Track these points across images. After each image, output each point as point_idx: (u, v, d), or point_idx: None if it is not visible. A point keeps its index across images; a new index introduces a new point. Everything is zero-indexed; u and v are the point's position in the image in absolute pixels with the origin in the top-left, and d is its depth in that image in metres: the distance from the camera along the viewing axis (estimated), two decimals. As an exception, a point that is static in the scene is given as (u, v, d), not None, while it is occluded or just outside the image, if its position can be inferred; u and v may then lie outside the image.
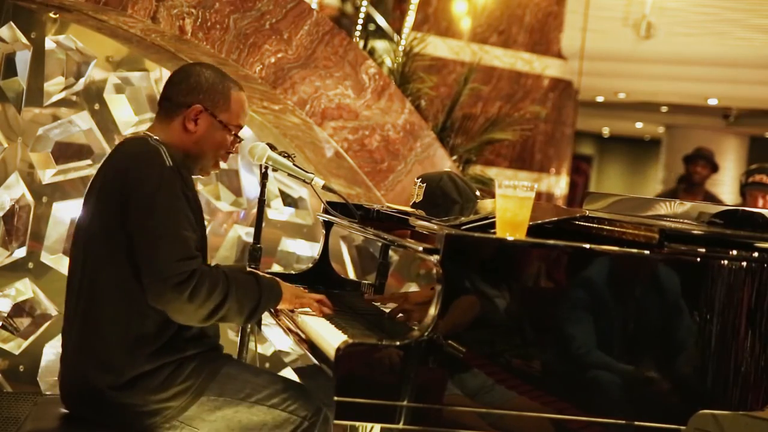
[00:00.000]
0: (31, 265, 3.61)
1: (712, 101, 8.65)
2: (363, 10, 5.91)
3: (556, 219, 2.34)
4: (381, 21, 6.72)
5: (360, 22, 5.89)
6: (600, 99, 9.44)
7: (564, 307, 2.17)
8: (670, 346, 2.20)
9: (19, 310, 3.59)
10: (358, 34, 5.74)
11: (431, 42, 5.93)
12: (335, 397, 2.03)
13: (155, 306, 2.27)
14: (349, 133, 4.00)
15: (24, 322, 3.60)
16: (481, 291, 2.12)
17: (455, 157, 4.70)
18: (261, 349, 4.09)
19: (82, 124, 3.70)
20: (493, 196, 2.37)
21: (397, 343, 2.05)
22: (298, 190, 4.30)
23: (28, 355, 3.60)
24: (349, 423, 2.43)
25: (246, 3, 3.63)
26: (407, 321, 2.50)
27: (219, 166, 2.59)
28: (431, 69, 5.86)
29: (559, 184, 7.63)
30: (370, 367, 2.04)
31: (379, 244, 2.91)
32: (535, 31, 7.35)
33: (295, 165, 2.87)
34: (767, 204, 4.97)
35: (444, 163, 4.32)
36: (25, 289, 3.60)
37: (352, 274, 4.27)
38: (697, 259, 2.20)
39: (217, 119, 2.49)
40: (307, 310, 2.59)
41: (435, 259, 2.10)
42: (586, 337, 2.15)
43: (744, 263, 2.22)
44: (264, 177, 2.93)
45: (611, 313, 2.17)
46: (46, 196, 3.64)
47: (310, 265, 3.18)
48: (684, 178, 6.58)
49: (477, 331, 2.11)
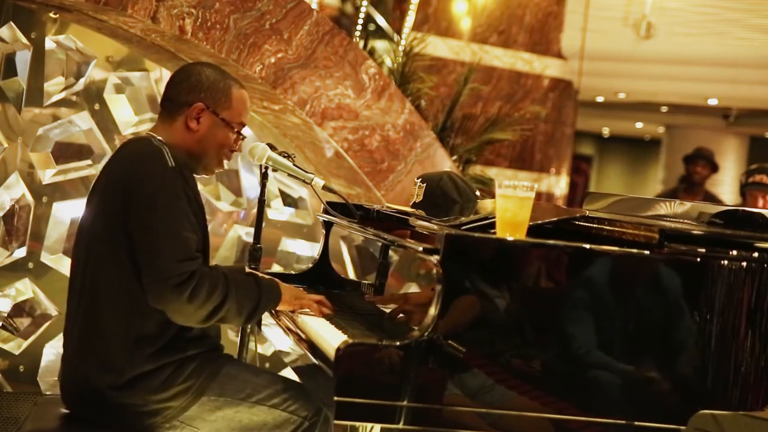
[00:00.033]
0: (31, 265, 3.61)
1: (712, 101, 8.65)
2: (363, 10, 5.91)
3: (556, 219, 2.34)
4: (381, 21, 6.72)
5: (360, 22, 5.88)
6: (600, 99, 9.43)
7: (564, 307, 2.17)
8: (670, 346, 2.20)
9: (19, 310, 3.59)
10: (358, 34, 5.74)
11: (431, 42, 5.93)
12: (335, 397, 2.03)
13: (155, 306, 2.27)
14: (349, 133, 4.00)
15: (24, 322, 3.60)
16: (481, 291, 2.12)
17: (455, 157, 4.70)
18: (261, 349, 4.09)
19: (82, 124, 3.70)
20: (493, 196, 2.37)
21: (397, 343, 2.05)
22: (298, 190, 4.30)
23: (28, 355, 3.60)
24: (349, 423, 2.42)
25: (246, 3, 3.63)
26: (407, 321, 2.50)
27: (223, 164, 2.59)
28: (431, 69, 5.86)
29: (559, 184, 7.62)
30: (370, 367, 2.04)
31: (379, 244, 2.91)
32: (535, 31, 7.35)
33: (295, 165, 2.87)
34: (767, 204, 4.97)
35: (444, 163, 4.32)
36: (25, 289, 3.60)
37: (352, 274, 4.26)
38: (697, 259, 2.20)
39: (219, 117, 2.49)
40: (307, 310, 2.59)
41: (435, 259, 2.10)
42: (586, 337, 2.15)
43: (744, 263, 2.22)
44: (264, 177, 2.93)
45: (611, 313, 2.17)
46: (46, 196, 3.63)
47: (310, 265, 3.18)
48: (684, 178, 6.58)
49: (477, 331, 2.11)
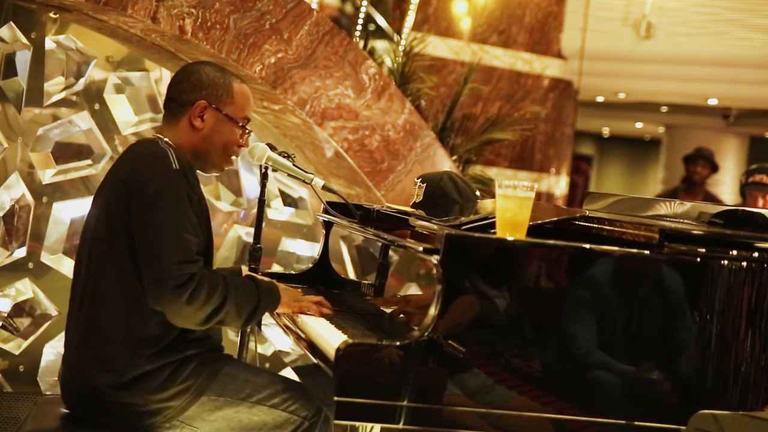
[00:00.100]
0: (31, 265, 3.61)
1: (712, 101, 8.65)
2: (363, 10, 5.91)
3: (556, 219, 2.34)
4: (381, 21, 6.72)
5: (360, 22, 5.88)
6: (600, 99, 9.43)
7: (564, 307, 2.17)
8: (670, 346, 2.19)
9: (19, 310, 3.59)
10: (358, 34, 5.74)
11: (431, 42, 5.93)
12: (335, 397, 2.03)
13: (154, 307, 2.27)
14: (349, 133, 4.00)
15: (24, 322, 3.60)
16: (481, 291, 2.12)
17: (455, 157, 4.70)
18: (261, 349, 4.09)
19: (82, 124, 3.70)
20: (493, 196, 2.37)
21: (397, 343, 2.05)
22: (298, 190, 4.30)
23: (28, 355, 3.60)
24: (349, 423, 2.43)
25: (246, 3, 3.63)
26: (407, 321, 2.50)
27: (231, 161, 2.60)
28: (431, 69, 5.85)
29: (559, 184, 7.62)
30: (370, 367, 2.04)
31: (379, 244, 2.91)
32: (535, 31, 7.35)
33: (295, 165, 2.87)
34: (767, 204, 4.97)
35: (444, 163, 4.32)
36: (25, 289, 3.60)
37: (352, 274, 4.26)
38: (697, 259, 2.20)
39: (223, 113, 2.50)
40: (307, 311, 2.59)
41: (435, 259, 2.10)
42: (586, 337, 2.15)
43: (744, 263, 2.22)
44: (264, 177, 2.93)
45: (611, 313, 2.17)
46: (46, 196, 3.63)
47: (310, 265, 3.18)
48: (684, 178, 6.58)
49: (477, 331, 2.11)
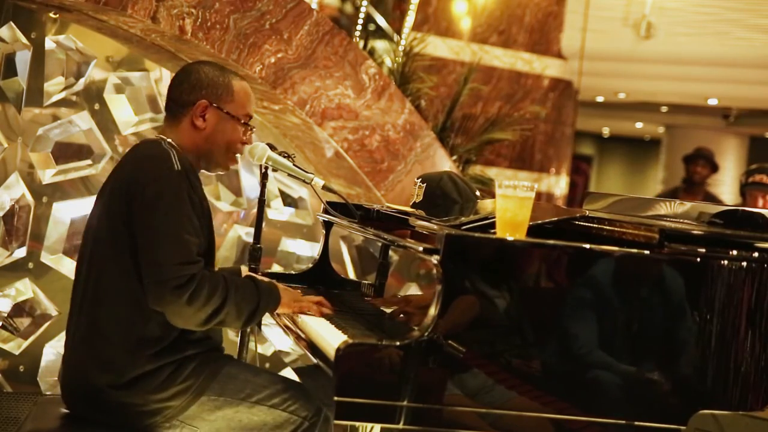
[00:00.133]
0: (31, 265, 3.61)
1: (712, 101, 8.65)
2: (363, 10, 5.91)
3: (556, 219, 2.34)
4: (381, 21, 6.72)
5: (360, 22, 5.88)
6: (600, 99, 9.43)
7: (564, 307, 2.17)
8: (670, 346, 2.19)
9: (19, 310, 3.59)
10: (358, 34, 5.74)
11: (431, 42, 5.93)
12: (335, 397, 2.03)
13: (155, 308, 2.27)
14: (349, 133, 4.00)
15: (24, 322, 3.60)
16: (481, 291, 2.12)
17: (455, 157, 4.70)
18: (261, 349, 4.09)
19: (82, 124, 3.70)
20: (493, 196, 2.37)
21: (397, 343, 2.05)
22: (298, 190, 4.30)
23: (28, 355, 3.60)
24: (349, 423, 2.43)
25: (246, 3, 3.63)
26: (407, 321, 2.50)
27: (236, 160, 2.60)
28: (431, 69, 5.85)
29: (559, 184, 7.62)
30: (370, 367, 2.04)
31: (379, 244, 2.91)
32: (535, 31, 7.35)
33: (295, 165, 2.87)
34: (767, 204, 4.97)
35: (444, 163, 4.32)
36: (25, 289, 3.60)
37: (352, 274, 4.26)
38: (697, 259, 2.20)
39: (224, 111, 2.50)
40: (307, 312, 2.59)
41: (435, 259, 2.10)
42: (586, 337, 2.15)
43: (744, 263, 2.22)
44: (264, 177, 2.93)
45: (611, 313, 2.17)
46: (46, 196, 3.63)
47: (310, 265, 3.18)
48: (684, 178, 6.59)
49: (477, 331, 2.11)
